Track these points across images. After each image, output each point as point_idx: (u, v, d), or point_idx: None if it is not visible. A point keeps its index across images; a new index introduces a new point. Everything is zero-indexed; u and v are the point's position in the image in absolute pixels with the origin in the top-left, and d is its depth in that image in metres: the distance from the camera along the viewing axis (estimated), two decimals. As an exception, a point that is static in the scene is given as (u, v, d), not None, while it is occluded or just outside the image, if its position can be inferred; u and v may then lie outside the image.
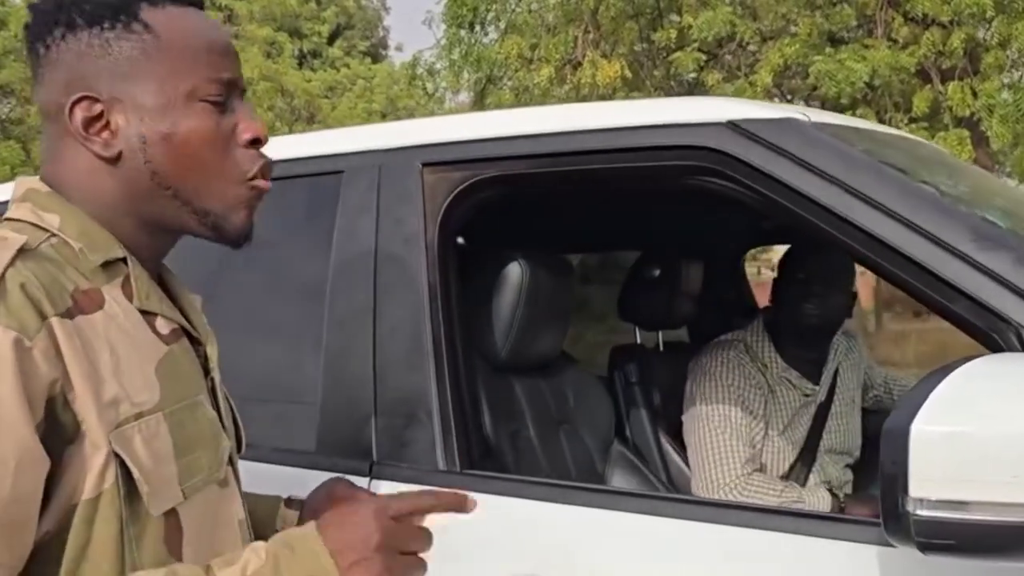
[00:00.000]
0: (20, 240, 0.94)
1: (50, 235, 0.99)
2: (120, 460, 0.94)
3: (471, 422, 1.61)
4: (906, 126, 7.04)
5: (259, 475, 1.29)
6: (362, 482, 1.53)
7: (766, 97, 7.60)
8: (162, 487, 0.98)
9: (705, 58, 8.10)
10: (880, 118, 7.28)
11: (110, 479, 0.93)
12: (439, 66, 9.30)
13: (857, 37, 7.98)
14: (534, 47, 8.63)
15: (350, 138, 1.84)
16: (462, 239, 1.86)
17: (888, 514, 1.01)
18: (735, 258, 3.06)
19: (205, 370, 1.13)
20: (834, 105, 6.93)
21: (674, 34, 8.22)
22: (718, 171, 1.47)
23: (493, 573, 1.43)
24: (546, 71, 8.35)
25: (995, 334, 1.23)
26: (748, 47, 8.77)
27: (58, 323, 0.91)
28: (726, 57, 8.88)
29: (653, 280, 2.52)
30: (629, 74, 8.32)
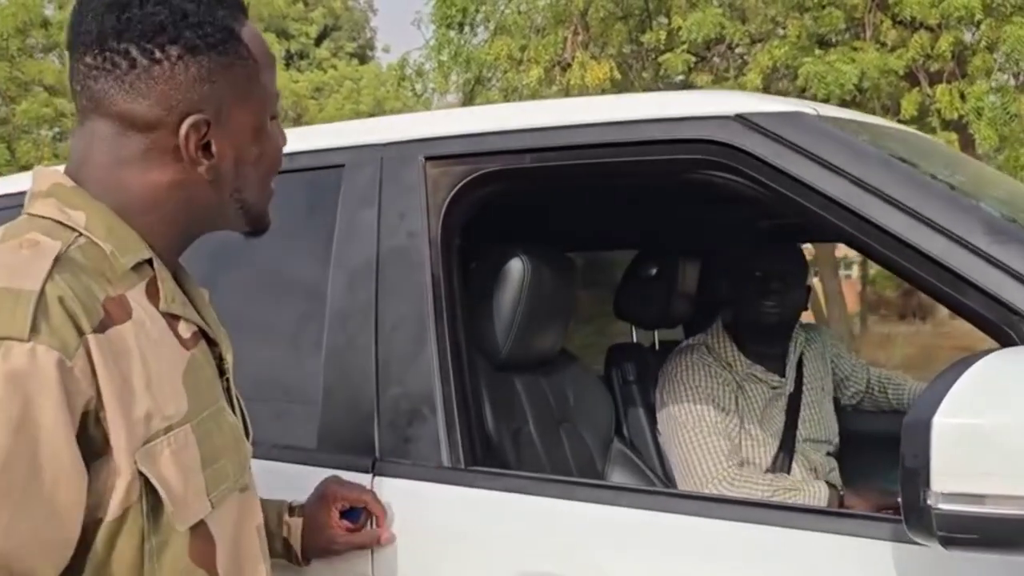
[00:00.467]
0: (55, 247, 0.93)
1: (77, 235, 0.97)
2: (145, 478, 0.93)
3: (474, 419, 1.59)
4: (895, 129, 7.03)
5: (261, 472, 1.26)
6: (365, 479, 1.52)
7: (755, 99, 7.58)
8: (190, 501, 0.97)
9: (694, 60, 8.10)
10: (869, 121, 7.27)
11: (134, 496, 0.92)
12: (428, 67, 9.28)
13: (845, 40, 8.00)
14: (523, 48, 8.62)
15: (351, 131, 1.81)
16: (464, 234, 1.84)
17: (909, 509, 1.00)
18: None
19: (220, 371, 1.11)
20: (823, 107, 6.92)
21: (663, 36, 8.23)
22: (726, 165, 1.45)
23: (499, 570, 1.41)
24: (535, 72, 8.35)
25: (1008, 328, 1.22)
26: (737, 49, 8.79)
27: (93, 340, 0.90)
28: (714, 59, 8.89)
29: (650, 279, 2.51)
30: (618, 75, 8.32)
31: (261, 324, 1.74)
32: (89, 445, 0.89)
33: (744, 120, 1.44)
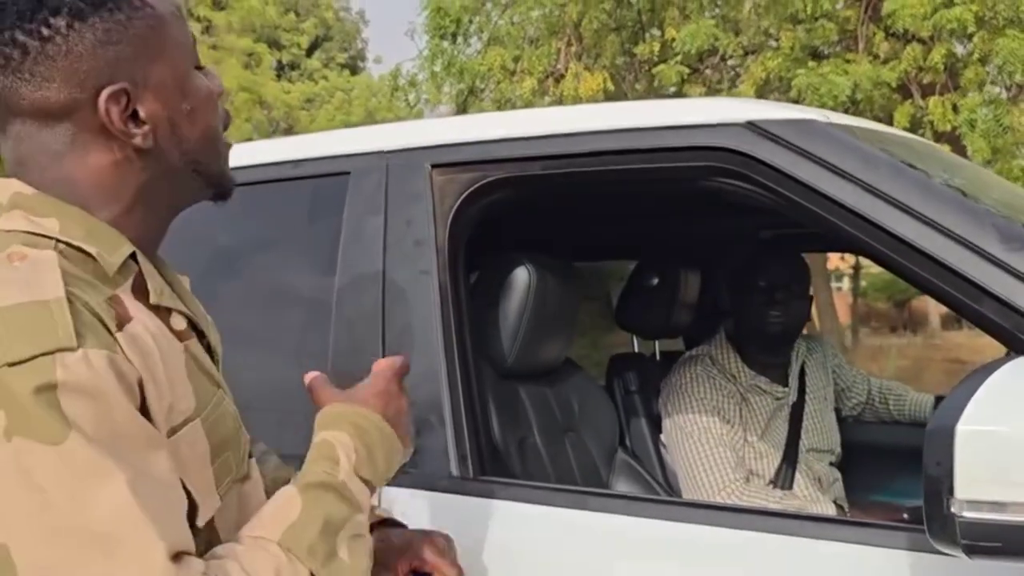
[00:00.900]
0: (52, 256, 0.89)
1: (55, 243, 0.92)
2: None
3: (482, 428, 1.58)
4: (887, 140, 7.06)
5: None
6: (372, 488, 1.50)
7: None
8: (205, 497, 0.95)
9: (688, 71, 8.12)
10: (862, 132, 7.29)
11: None
12: (421, 77, 9.28)
13: (838, 52, 8.03)
14: (517, 59, 8.62)
15: (357, 138, 1.80)
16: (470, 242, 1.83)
17: (932, 517, 0.99)
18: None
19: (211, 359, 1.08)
20: (816, 119, 6.93)
21: (657, 47, 8.25)
22: (737, 172, 1.45)
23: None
24: (529, 83, 8.35)
25: (1022, 335, 1.21)
26: (730, 61, 8.81)
27: (120, 336, 0.88)
28: (707, 71, 8.92)
29: (652, 288, 2.50)
30: (612, 87, 8.33)
31: (267, 332, 1.72)
32: None
33: (755, 127, 1.43)
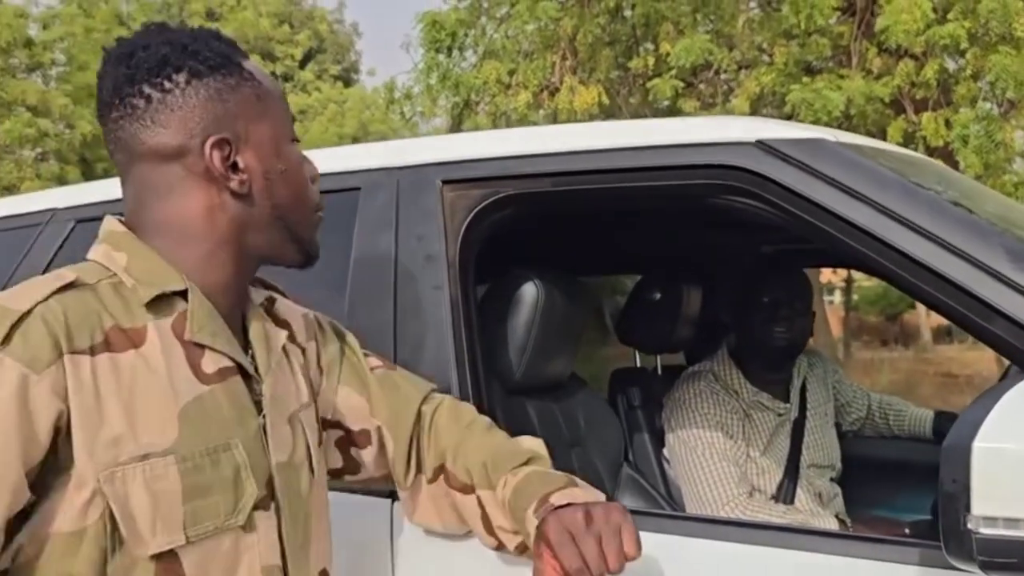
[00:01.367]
0: (70, 276, 1.02)
1: (112, 274, 1.06)
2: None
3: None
4: (881, 155, 7.09)
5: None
6: (384, 504, 1.50)
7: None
8: (157, 530, 0.99)
9: (682, 85, 8.16)
10: (855, 147, 7.32)
11: (94, 516, 0.96)
12: (416, 90, 9.30)
13: (831, 67, 8.08)
14: (512, 72, 8.65)
15: (367, 154, 1.81)
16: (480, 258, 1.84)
17: (949, 533, 1.00)
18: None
19: (259, 407, 1.13)
20: (810, 134, 6.96)
21: (651, 61, 8.29)
22: (747, 190, 1.46)
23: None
24: (524, 96, 8.38)
25: (1033, 354, 1.23)
26: (723, 75, 8.85)
27: (71, 360, 0.96)
28: (700, 86, 8.96)
29: (655, 303, 2.51)
30: (606, 100, 8.36)
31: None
32: (57, 457, 0.95)
33: (765, 146, 1.45)
